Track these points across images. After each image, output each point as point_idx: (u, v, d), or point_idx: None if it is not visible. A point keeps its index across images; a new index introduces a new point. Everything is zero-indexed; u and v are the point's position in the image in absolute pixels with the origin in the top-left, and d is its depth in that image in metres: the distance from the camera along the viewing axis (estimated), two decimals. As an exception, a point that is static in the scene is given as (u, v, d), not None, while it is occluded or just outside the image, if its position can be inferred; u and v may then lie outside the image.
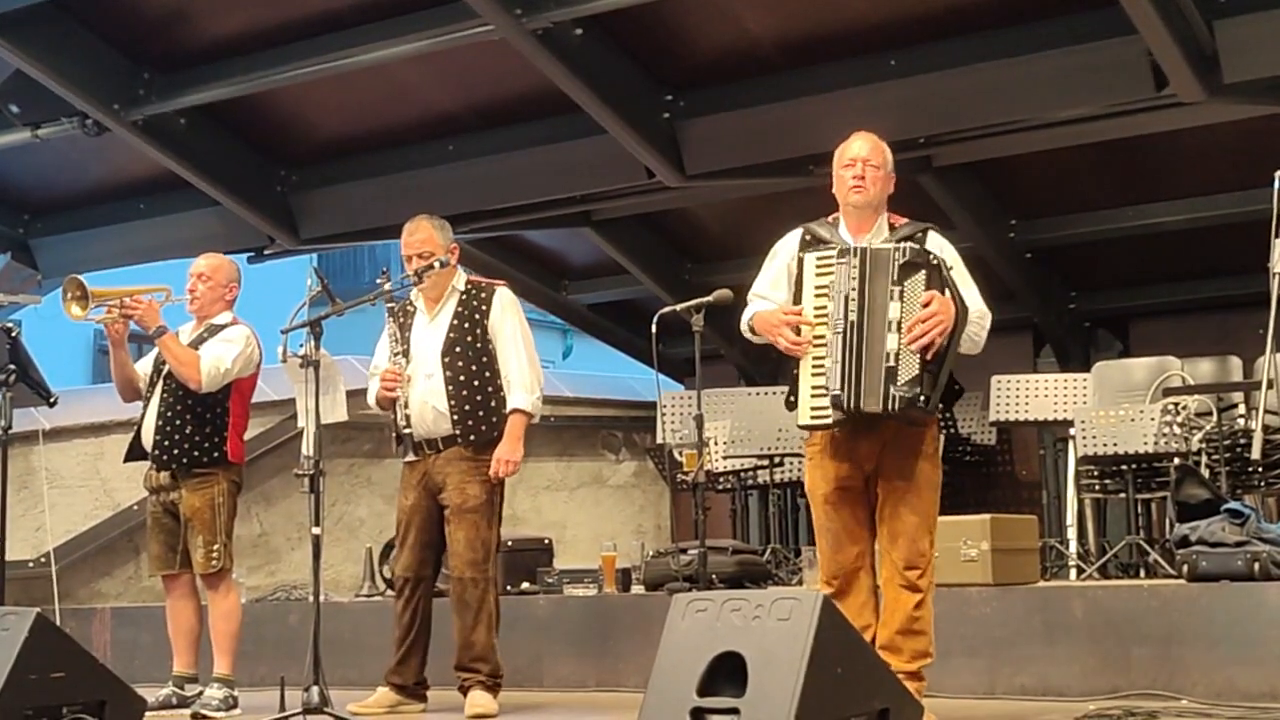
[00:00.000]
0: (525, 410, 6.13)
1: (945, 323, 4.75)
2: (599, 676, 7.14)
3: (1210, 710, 5.53)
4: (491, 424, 6.10)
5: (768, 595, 4.22)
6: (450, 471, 6.06)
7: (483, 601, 6.05)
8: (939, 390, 4.82)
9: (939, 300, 4.76)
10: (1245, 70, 7.21)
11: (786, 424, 8.18)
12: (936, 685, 5.37)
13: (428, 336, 6.20)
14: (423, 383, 6.12)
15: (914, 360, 4.74)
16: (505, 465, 6.06)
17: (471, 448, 6.07)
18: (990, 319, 5.04)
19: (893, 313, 4.78)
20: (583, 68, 8.01)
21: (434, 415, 6.09)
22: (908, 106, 7.97)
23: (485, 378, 6.13)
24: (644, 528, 11.38)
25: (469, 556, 6.05)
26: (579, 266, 11.18)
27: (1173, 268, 9.57)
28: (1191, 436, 7.61)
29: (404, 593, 6.18)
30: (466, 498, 6.04)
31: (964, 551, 6.53)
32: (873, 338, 4.81)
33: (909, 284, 4.80)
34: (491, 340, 6.17)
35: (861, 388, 4.79)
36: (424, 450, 6.11)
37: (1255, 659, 5.70)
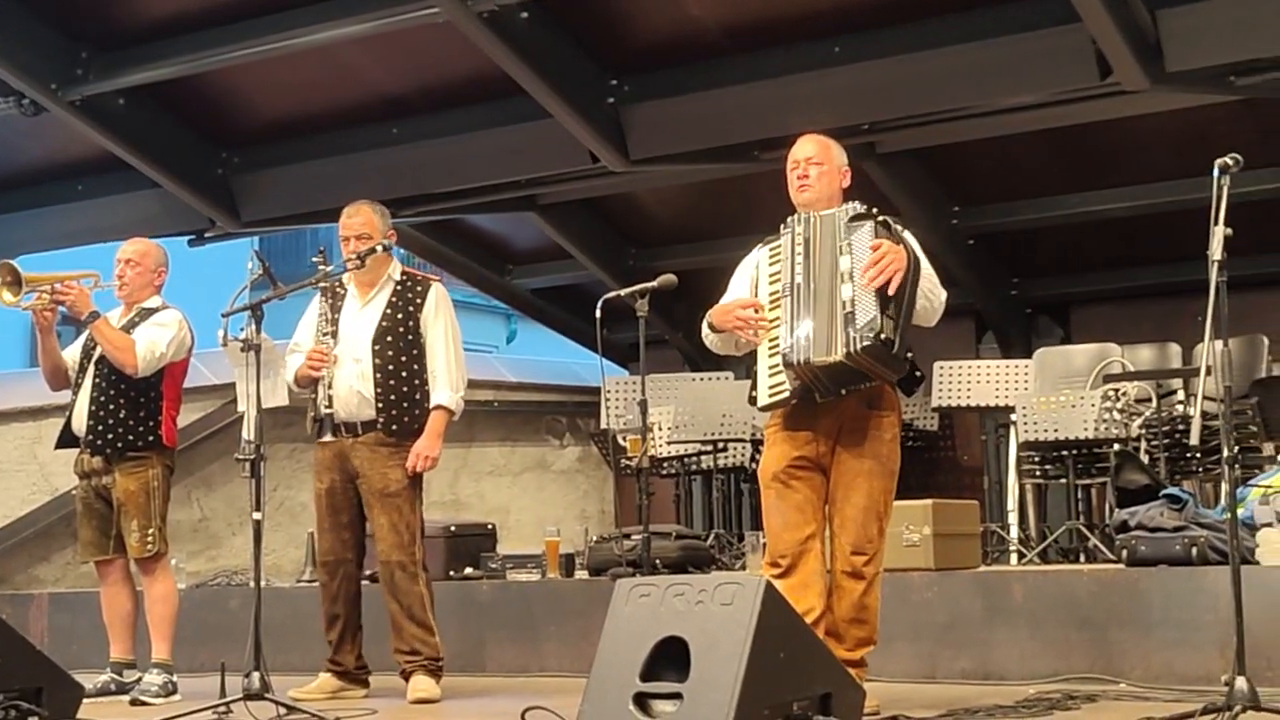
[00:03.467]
0: (448, 407, 6.11)
1: (898, 264, 4.74)
2: (542, 662, 7.14)
3: (1148, 693, 5.58)
4: (414, 416, 6.08)
5: (711, 580, 4.22)
6: (370, 456, 6.03)
7: (413, 584, 6.04)
8: (904, 340, 4.79)
9: (889, 245, 4.77)
10: (1188, 59, 7.26)
11: (731, 409, 8.21)
12: (878, 669, 5.39)
13: (359, 322, 6.16)
14: (350, 366, 6.09)
15: (871, 301, 4.73)
16: (423, 460, 6.05)
17: (392, 435, 6.05)
18: (944, 296, 5.05)
19: (844, 265, 4.80)
20: (528, 51, 7.97)
21: (358, 400, 6.06)
22: (852, 93, 7.99)
23: (413, 370, 6.11)
24: (588, 513, 11.37)
25: (395, 541, 6.03)
26: (523, 251, 11.15)
27: (1114, 255, 9.65)
28: (1131, 422, 7.67)
29: (325, 577, 6.15)
30: (389, 482, 6.02)
31: (906, 536, 6.56)
32: (821, 293, 4.81)
33: (855, 237, 4.83)
34: (422, 334, 6.15)
35: (812, 341, 4.78)
36: (342, 433, 6.07)
37: (1192, 643, 5.76)
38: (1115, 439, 7.45)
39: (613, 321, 9.80)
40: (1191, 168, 6.35)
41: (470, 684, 6.65)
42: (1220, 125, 8.13)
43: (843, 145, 5.27)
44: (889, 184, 8.91)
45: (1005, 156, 9.01)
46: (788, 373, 4.83)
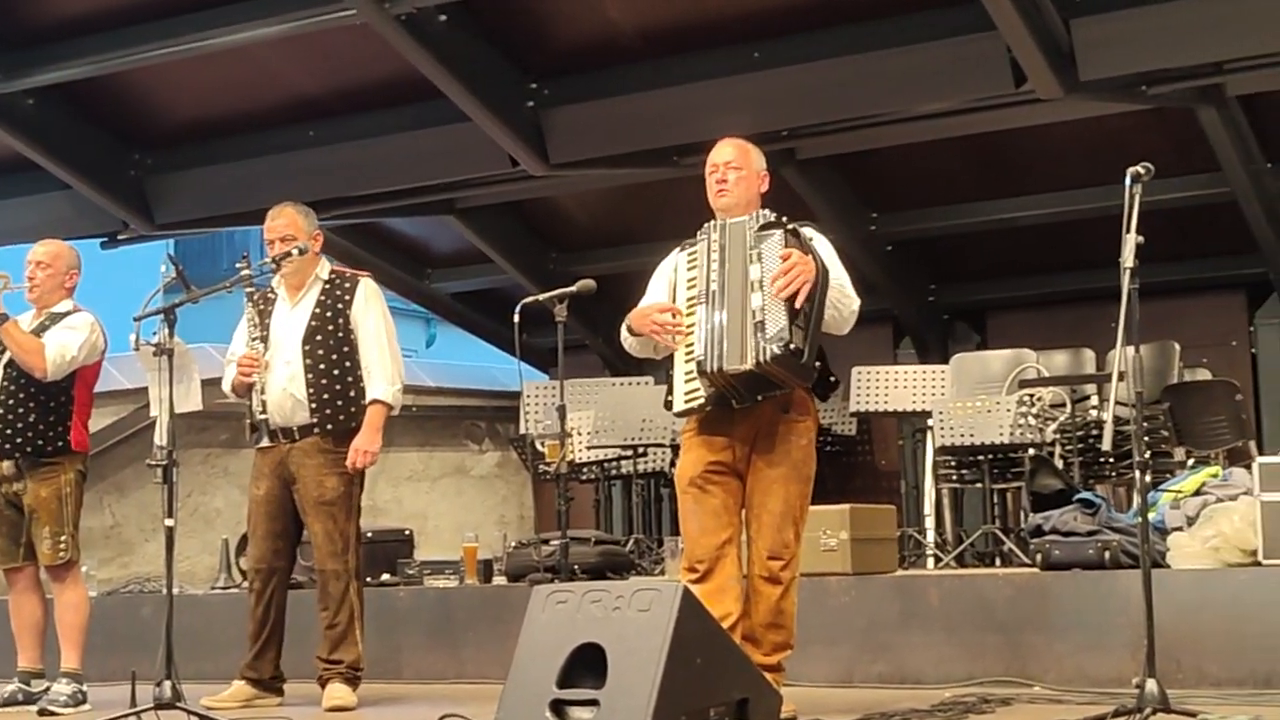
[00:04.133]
0: (385, 401, 6.06)
1: (806, 275, 4.75)
2: (459, 668, 7.09)
3: (1061, 696, 5.64)
4: (350, 414, 6.03)
5: (628, 586, 4.22)
6: (307, 463, 5.97)
7: (345, 594, 5.99)
8: (812, 348, 4.81)
9: (798, 255, 4.78)
10: (1101, 68, 7.36)
11: (651, 414, 8.21)
12: (796, 674, 5.40)
13: (289, 324, 6.11)
14: (281, 370, 6.03)
15: (780, 312, 4.74)
16: (363, 456, 5.99)
17: (329, 438, 6.00)
18: (858, 304, 5.06)
19: (754, 274, 4.80)
20: (446, 54, 7.94)
21: (292, 403, 6.00)
22: (771, 99, 8.02)
23: (346, 367, 6.06)
24: (507, 518, 11.34)
25: (330, 549, 5.97)
26: (442, 255, 11.09)
27: (1029, 261, 9.75)
28: (1046, 427, 7.75)
29: (256, 585, 6.08)
30: (324, 490, 5.96)
31: (823, 541, 6.58)
32: (733, 301, 4.82)
33: (765, 246, 4.84)
34: (353, 330, 6.10)
35: (725, 349, 4.79)
36: (279, 438, 6.02)
37: (1105, 646, 5.82)
38: (1030, 444, 7.52)
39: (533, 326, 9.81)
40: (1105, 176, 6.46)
41: (387, 691, 6.60)
42: (1132, 134, 8.24)
43: (762, 151, 5.28)
44: (808, 190, 8.96)
45: (923, 163, 9.08)
46: (702, 380, 4.84)
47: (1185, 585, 5.83)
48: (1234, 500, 6.15)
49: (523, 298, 6.41)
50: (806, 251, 4.82)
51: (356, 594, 6.03)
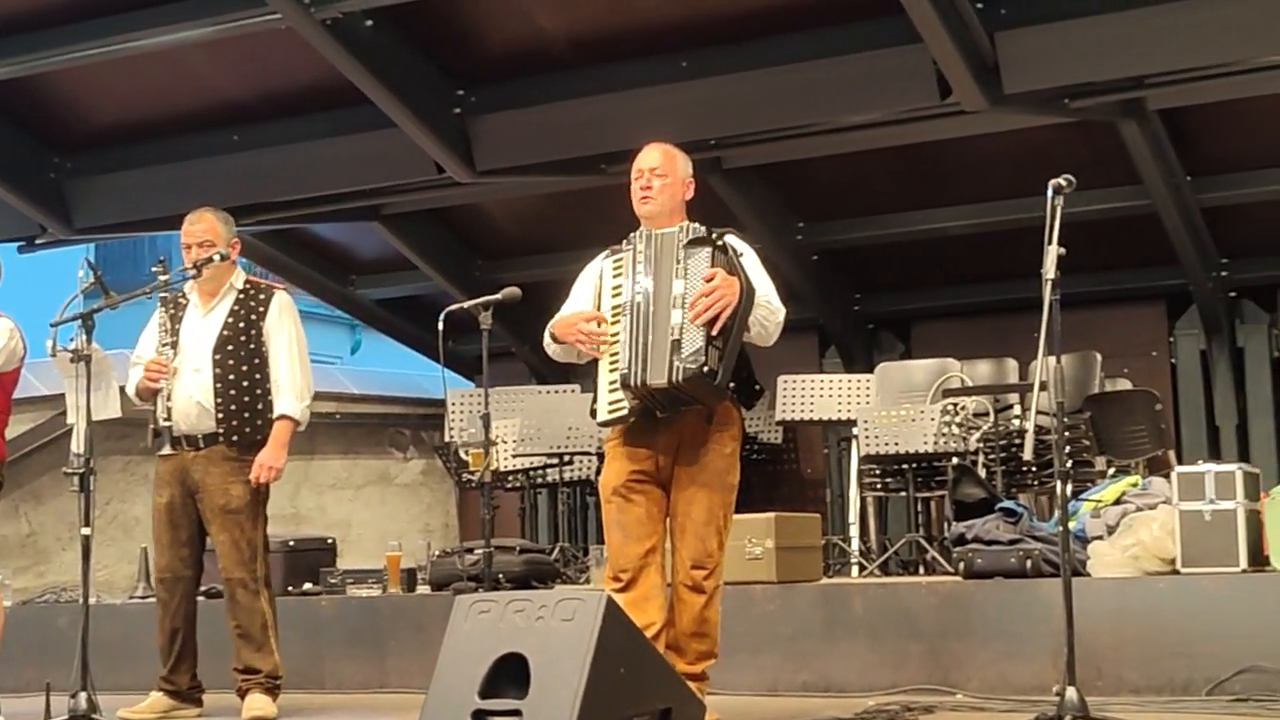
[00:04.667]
0: (293, 417, 6.00)
1: (728, 298, 4.75)
2: (382, 678, 7.04)
3: (983, 704, 5.68)
4: (257, 426, 5.96)
5: (552, 596, 4.19)
6: (212, 471, 5.90)
7: (255, 602, 5.92)
8: (727, 368, 4.82)
9: (722, 276, 4.77)
10: (1024, 81, 7.43)
11: (576, 422, 8.18)
12: (720, 683, 5.40)
13: (200, 331, 6.03)
14: (190, 377, 5.95)
15: (698, 334, 4.75)
16: (267, 471, 5.93)
17: (235, 447, 5.93)
18: (783, 315, 5.07)
19: (677, 289, 4.80)
20: (372, 60, 7.89)
21: (198, 411, 5.92)
22: (698, 108, 8.03)
23: (256, 379, 5.99)
24: (431, 526, 11.27)
25: (236, 558, 5.91)
26: (367, 261, 11.02)
27: (954, 272, 9.82)
28: (969, 437, 7.81)
29: (163, 595, 6.01)
30: (230, 498, 5.90)
31: (749, 550, 6.59)
32: (656, 315, 4.81)
33: (692, 261, 4.83)
34: (265, 342, 6.03)
35: (648, 363, 4.78)
36: (182, 446, 5.94)
37: (1026, 653, 5.86)
38: (954, 453, 7.57)
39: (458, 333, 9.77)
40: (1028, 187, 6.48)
41: (309, 702, 6.54)
42: (1055, 146, 8.32)
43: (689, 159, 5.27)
44: (734, 199, 8.98)
45: (849, 174, 9.12)
46: (625, 392, 4.83)
47: (1105, 593, 5.89)
48: (1153, 509, 6.22)
49: (448, 305, 6.37)
50: (733, 270, 4.82)
51: (268, 602, 5.97)
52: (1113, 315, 9.35)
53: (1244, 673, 5.52)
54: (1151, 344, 9.52)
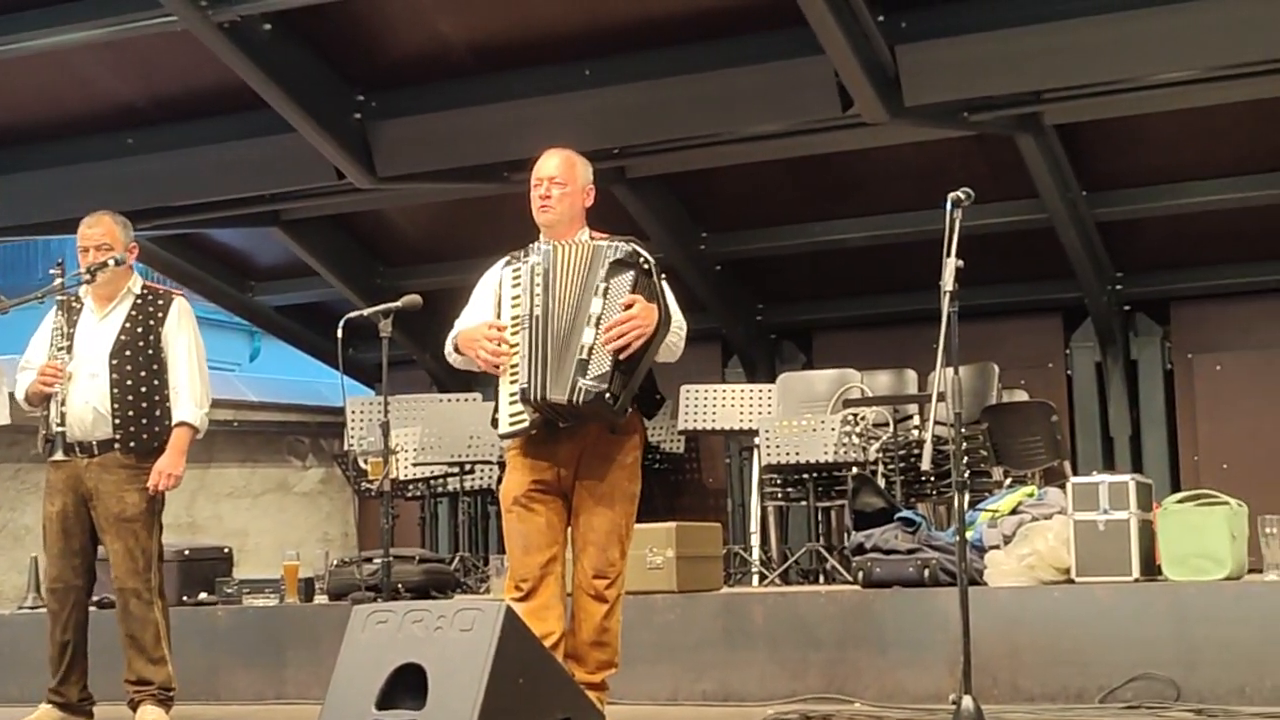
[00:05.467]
0: (191, 424, 5.91)
1: (644, 328, 4.74)
2: (279, 689, 6.96)
3: (881, 712, 5.72)
4: (154, 433, 5.86)
5: (450, 606, 4.17)
6: (106, 478, 5.79)
7: (148, 613, 5.82)
8: (629, 392, 4.81)
9: (641, 304, 4.75)
10: (925, 94, 7.51)
11: (478, 431, 8.14)
12: (620, 692, 5.39)
13: (96, 336, 5.92)
14: (85, 382, 5.84)
15: (606, 358, 4.72)
16: (166, 478, 5.83)
17: (131, 454, 5.82)
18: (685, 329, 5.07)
19: (595, 308, 4.75)
20: (271, 64, 7.81)
21: (94, 417, 5.81)
22: (602, 116, 8.03)
23: (153, 385, 5.89)
24: (331, 535, 11.17)
25: (130, 567, 5.80)
26: (266, 267, 10.90)
27: (855, 283, 9.89)
28: (869, 447, 7.87)
29: (54, 605, 5.88)
30: (125, 506, 5.79)
31: (650, 559, 6.59)
32: (564, 329, 4.77)
33: (615, 282, 4.78)
34: (164, 349, 5.93)
35: (548, 378, 4.75)
36: (75, 452, 5.83)
37: (923, 662, 5.91)
38: (854, 462, 7.62)
39: (359, 340, 9.69)
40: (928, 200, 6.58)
41: (203, 713, 6.46)
42: (955, 159, 8.41)
43: (593, 168, 5.25)
44: (638, 208, 8.98)
45: (752, 184, 9.16)
46: (525, 406, 4.79)
47: (1001, 602, 5.95)
48: (1049, 519, 6.29)
49: (348, 312, 6.32)
50: (653, 297, 4.80)
51: (161, 613, 5.87)
52: (1010, 327, 9.46)
53: (1136, 680, 5.61)
54: (1048, 356, 9.65)
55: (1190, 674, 5.58)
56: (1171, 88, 7.58)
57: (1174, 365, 9.45)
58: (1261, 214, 8.63)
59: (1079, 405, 9.55)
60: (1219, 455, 9.06)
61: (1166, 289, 9.39)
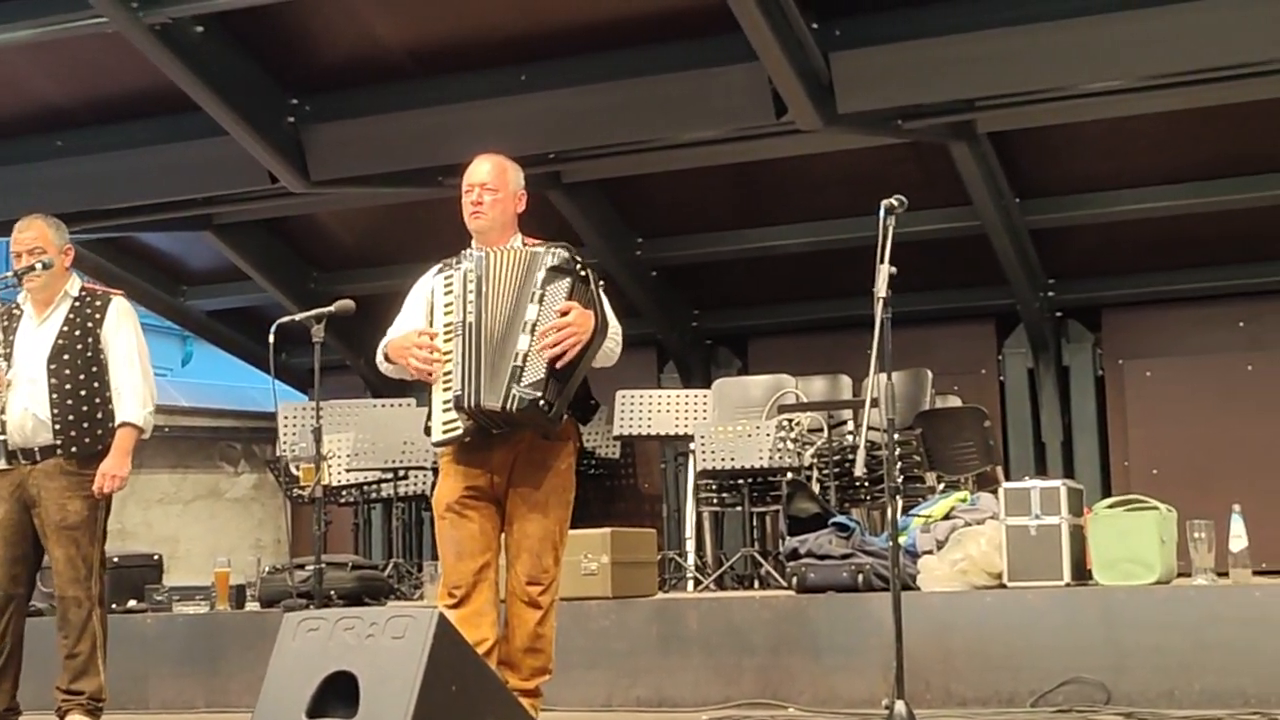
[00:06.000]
0: (135, 424, 5.83)
1: (580, 335, 4.72)
2: (209, 697, 6.90)
3: (814, 718, 5.73)
4: (97, 436, 5.79)
5: (382, 613, 4.13)
6: (49, 486, 5.72)
7: (87, 622, 5.74)
8: (564, 399, 4.79)
9: (578, 311, 4.73)
10: (858, 102, 7.55)
11: (412, 436, 8.09)
12: (555, 698, 5.37)
13: (34, 341, 5.84)
14: (25, 388, 5.76)
15: (541, 365, 4.70)
16: (111, 480, 5.76)
17: (74, 461, 5.75)
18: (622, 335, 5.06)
19: (530, 314, 4.73)
20: (203, 66, 7.76)
21: (34, 423, 5.74)
22: (538, 121, 8.02)
23: (94, 388, 5.81)
24: (263, 542, 11.08)
25: (71, 575, 5.73)
26: (199, 271, 10.81)
27: (790, 289, 9.92)
28: (804, 452, 7.89)
29: None
30: (67, 514, 5.71)
31: (584, 565, 6.58)
32: (498, 336, 4.75)
33: (551, 289, 4.75)
34: (104, 350, 5.86)
35: (482, 384, 4.72)
36: (18, 460, 5.75)
37: (857, 667, 5.93)
38: (789, 468, 7.64)
39: (292, 345, 9.61)
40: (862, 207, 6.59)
41: (131, 722, 6.38)
42: (888, 167, 8.45)
43: (528, 174, 5.22)
44: (574, 214, 8.97)
45: (688, 190, 9.17)
46: (459, 413, 4.77)
47: (934, 607, 5.98)
48: (981, 524, 6.34)
49: (281, 317, 6.27)
50: (589, 304, 4.78)
51: (99, 622, 5.80)
52: (944, 333, 9.52)
53: (1067, 684, 5.65)
54: (981, 362, 9.72)
55: (1120, 677, 5.63)
56: (1103, 96, 7.67)
57: (1105, 371, 9.53)
58: (1191, 222, 8.73)
59: (1011, 411, 9.62)
60: (1149, 460, 9.16)
61: (1098, 296, 9.48)
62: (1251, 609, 5.66)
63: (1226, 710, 5.41)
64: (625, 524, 7.55)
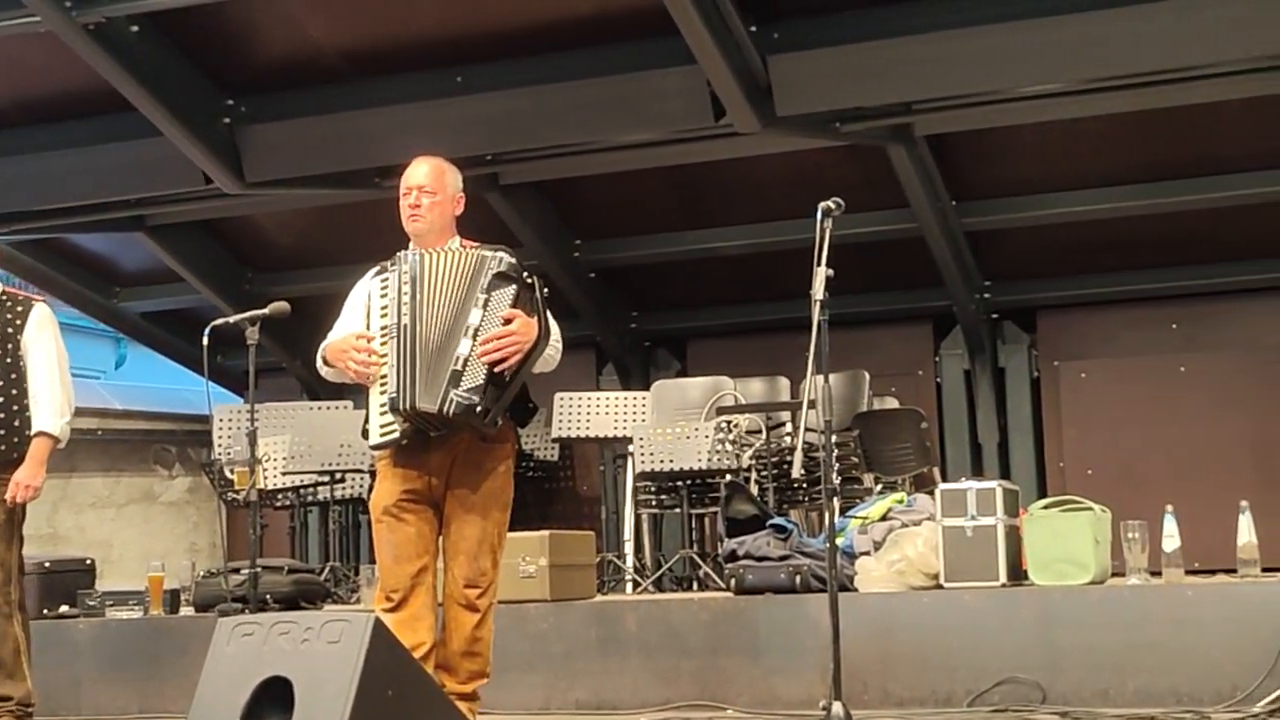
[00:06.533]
0: (51, 434, 5.76)
1: (522, 344, 4.71)
2: (143, 703, 6.83)
3: (753, 718, 5.73)
4: (13, 444, 5.71)
5: (318, 618, 4.10)
6: (-39, 492, 5.64)
7: (8, 627, 5.67)
8: (501, 405, 4.78)
9: (522, 319, 4.72)
10: (796, 104, 7.57)
11: (349, 439, 8.05)
12: (493, 702, 5.35)
13: (-46, 347, 5.76)
14: (-59, 393, 5.68)
15: (481, 370, 4.69)
16: (24, 490, 5.69)
17: (-13, 467, 5.68)
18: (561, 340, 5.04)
19: (473, 319, 4.71)
20: (137, 66, 7.69)
21: (-51, 429, 5.66)
22: (475, 123, 8.00)
23: (12, 395, 5.74)
24: (198, 546, 10.99)
25: (-11, 581, 5.65)
26: (133, 273, 10.69)
27: (729, 291, 9.93)
28: (743, 454, 7.90)
29: None
30: (-18, 520, 5.64)
31: (522, 568, 6.56)
32: (437, 338, 4.72)
33: (496, 295, 4.74)
34: (23, 357, 5.78)
35: (417, 386, 4.70)
36: (-67, 466, 5.67)
37: (795, 668, 5.94)
38: (727, 469, 7.65)
39: (227, 348, 9.53)
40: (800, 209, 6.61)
41: (63, 729, 6.31)
42: (826, 169, 8.49)
43: (465, 176, 5.19)
44: (512, 216, 8.95)
45: (627, 192, 9.17)
46: (395, 415, 4.74)
47: (872, 608, 6.00)
48: (918, 525, 6.37)
49: (217, 319, 6.21)
50: (533, 312, 4.77)
51: (21, 626, 5.73)
52: (881, 335, 9.57)
53: (1003, 684, 5.69)
54: (918, 363, 9.77)
55: (1055, 677, 5.68)
56: (1039, 100, 7.72)
57: (1040, 373, 9.60)
58: (1125, 224, 8.81)
59: (948, 412, 9.68)
60: (1084, 461, 9.23)
61: (1033, 298, 9.55)
62: (1184, 609, 5.71)
63: (1160, 709, 5.46)
64: (564, 526, 7.53)
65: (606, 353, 10.29)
